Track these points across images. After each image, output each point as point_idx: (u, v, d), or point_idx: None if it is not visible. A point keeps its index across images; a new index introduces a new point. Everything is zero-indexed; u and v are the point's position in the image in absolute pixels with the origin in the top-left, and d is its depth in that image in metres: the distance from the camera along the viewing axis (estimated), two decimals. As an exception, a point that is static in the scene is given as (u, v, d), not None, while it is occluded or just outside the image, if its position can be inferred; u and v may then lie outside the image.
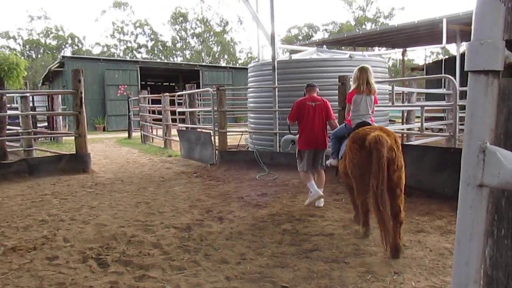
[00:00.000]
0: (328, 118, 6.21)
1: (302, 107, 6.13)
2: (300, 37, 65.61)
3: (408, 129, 12.26)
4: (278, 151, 9.45)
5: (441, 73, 15.39)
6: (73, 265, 3.90)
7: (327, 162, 5.83)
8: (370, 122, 5.08)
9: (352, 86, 5.26)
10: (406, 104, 12.98)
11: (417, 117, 12.69)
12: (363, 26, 60.17)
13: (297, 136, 6.38)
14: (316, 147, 6.11)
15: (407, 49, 22.12)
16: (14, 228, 5.07)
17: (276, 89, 9.62)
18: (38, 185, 7.82)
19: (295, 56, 11.55)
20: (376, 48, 25.72)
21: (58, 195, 6.95)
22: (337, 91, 8.46)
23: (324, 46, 19.84)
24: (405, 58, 24.61)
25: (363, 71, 5.13)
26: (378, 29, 20.76)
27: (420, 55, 74.85)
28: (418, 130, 11.39)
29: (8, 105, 12.63)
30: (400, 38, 19.80)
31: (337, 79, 8.39)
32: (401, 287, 3.29)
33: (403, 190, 4.16)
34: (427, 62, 26.06)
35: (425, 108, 9.26)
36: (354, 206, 5.06)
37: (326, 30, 67.29)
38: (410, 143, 10.44)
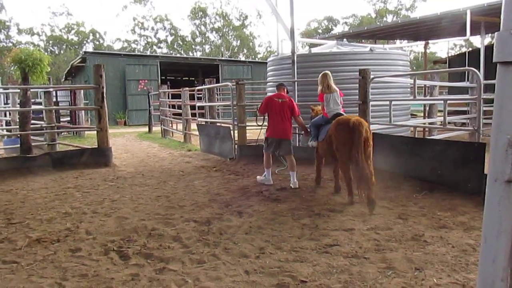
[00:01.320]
0: (293, 114, 7.25)
1: (270, 102, 7.21)
2: (319, 31, 65.04)
3: (430, 123, 12.05)
4: (297, 145, 9.41)
5: (465, 66, 15.06)
6: (95, 257, 3.96)
7: (309, 143, 7.04)
8: (342, 112, 6.52)
9: (319, 88, 6.65)
10: (428, 97, 12.75)
11: (440, 111, 12.45)
12: (384, 19, 59.28)
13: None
14: (280, 136, 7.15)
15: (430, 41, 21.70)
16: (38, 220, 5.18)
17: (296, 83, 9.56)
18: (61, 179, 7.98)
19: (314, 50, 11.46)
20: (398, 41, 25.32)
21: (80, 188, 7.07)
22: (357, 85, 8.35)
23: (344, 39, 19.63)
24: (427, 51, 24.16)
25: (324, 76, 6.63)
26: (399, 22, 20.38)
27: (443, 47, 73.27)
28: (441, 124, 11.18)
29: (32, 100, 12.90)
30: (422, 31, 19.43)
31: (358, 73, 8.27)
32: (423, 284, 3.24)
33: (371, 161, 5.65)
34: (450, 55, 25.52)
35: (448, 101, 9.08)
36: (334, 176, 6.46)
37: (346, 23, 66.53)
38: (432, 137, 10.27)
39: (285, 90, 7.53)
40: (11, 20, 65.02)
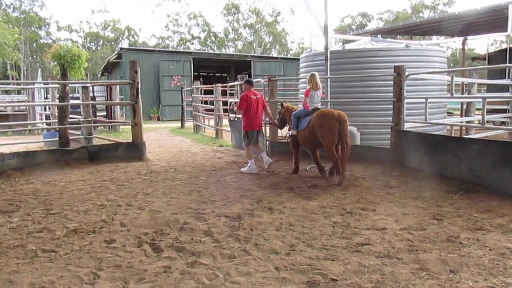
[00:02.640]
0: (264, 109, 8.50)
1: (249, 99, 8.15)
2: (353, 27, 64.13)
3: (467, 122, 11.68)
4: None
5: (505, 63, 14.50)
6: (129, 248, 4.06)
7: (289, 132, 7.98)
8: (319, 107, 7.69)
9: (308, 85, 7.66)
10: (466, 95, 12.36)
11: (478, 109, 12.05)
12: (421, 14, 57.82)
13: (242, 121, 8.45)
14: (259, 128, 8.43)
15: (468, 37, 20.98)
16: (75, 212, 5.35)
17: (329, 79, 9.46)
18: (97, 171, 8.21)
19: (348, 46, 11.32)
20: (434, 37, 24.64)
21: (115, 181, 7.25)
22: (391, 82, 8.18)
23: (379, 35, 19.26)
24: (465, 47, 23.37)
25: (313, 76, 7.68)
26: (436, 17, 19.86)
27: (482, 43, 70.84)
28: (478, 123, 10.83)
29: (70, 95, 13.32)
30: (460, 26, 18.84)
31: (392, 69, 8.11)
32: (457, 287, 3.15)
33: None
34: (489, 51, 24.63)
35: (487, 100, 8.76)
36: (315, 161, 7.67)
37: (381, 18, 65.36)
38: (470, 136, 9.96)
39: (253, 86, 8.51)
40: (51, 17, 67.37)
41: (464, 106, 12.27)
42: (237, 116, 8.95)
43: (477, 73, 12.77)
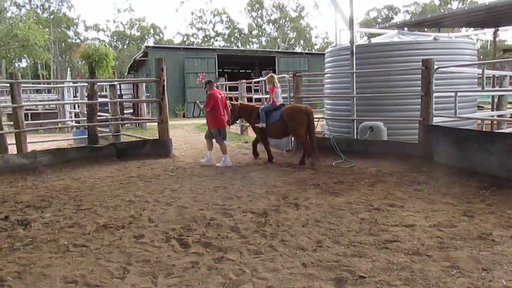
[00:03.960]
0: (226, 107, 8.84)
1: (216, 98, 8.54)
2: (379, 20, 63.11)
3: (498, 116, 11.34)
4: (355, 138, 9.23)
5: (539, 54, 13.99)
6: (158, 244, 4.12)
7: (259, 125, 8.58)
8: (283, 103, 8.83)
9: (269, 84, 8.71)
10: (497, 88, 12.00)
11: (510, 102, 11.70)
12: (449, 6, 56.38)
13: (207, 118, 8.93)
14: (225, 125, 8.78)
15: (499, 29, 20.33)
16: (105, 207, 5.47)
17: (354, 74, 9.34)
18: (125, 168, 8.35)
19: (374, 40, 11.14)
20: (463, 29, 23.99)
21: (143, 178, 7.37)
22: (419, 76, 8.01)
23: (405, 28, 18.88)
24: (497, 39, 22.67)
25: (272, 77, 8.76)
26: (466, 8, 19.25)
27: (514, 35, 68.49)
28: (511, 117, 10.50)
29: (98, 93, 13.58)
30: (491, 17, 18.21)
31: (420, 63, 7.93)
32: (490, 285, 3.07)
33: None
34: (522, 43, 23.77)
35: (520, 93, 8.50)
36: (266, 147, 8.84)
37: (407, 11, 64.07)
38: (501, 131, 9.68)
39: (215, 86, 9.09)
40: (79, 17, 68.69)
41: (496, 100, 11.92)
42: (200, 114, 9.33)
43: (509, 66, 12.35)
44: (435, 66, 7.78)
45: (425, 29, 23.58)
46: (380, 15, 65.56)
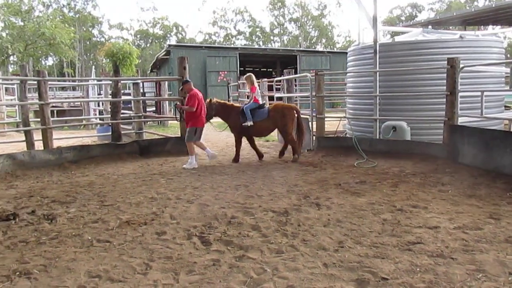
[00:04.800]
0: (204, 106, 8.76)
1: (199, 97, 8.48)
2: (402, 18, 62.21)
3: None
4: (377, 137, 9.12)
5: None
6: (179, 241, 4.16)
7: (246, 123, 8.62)
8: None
9: (250, 84, 8.97)
10: (525, 88, 11.65)
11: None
12: (475, 3, 55.10)
13: (182, 118, 8.95)
14: (203, 125, 8.69)
15: (528, 26, 19.78)
16: (128, 204, 5.55)
17: (378, 73, 9.23)
18: (147, 165, 8.46)
19: (398, 38, 10.97)
20: (490, 27, 23.44)
21: (165, 175, 7.45)
22: (445, 75, 7.86)
23: (430, 26, 18.56)
24: (525, 37, 22.02)
25: (251, 76, 9.13)
26: (493, 5, 18.80)
27: (543, 33, 66.44)
28: (540, 118, 10.18)
29: (122, 91, 13.78)
30: (520, 15, 17.78)
31: (446, 62, 7.78)
32: (518, 290, 3.00)
33: None
34: (552, 41, 23.08)
35: (550, 92, 8.26)
36: (238, 148, 8.92)
37: (431, 9, 62.99)
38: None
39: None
40: (103, 16, 69.82)
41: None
42: (180, 116, 9.01)
43: (538, 65, 12.00)
44: (461, 65, 7.63)
45: (451, 27, 23.13)
46: (403, 13, 64.63)
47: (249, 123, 8.61)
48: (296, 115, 8.54)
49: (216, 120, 9.42)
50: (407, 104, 9.55)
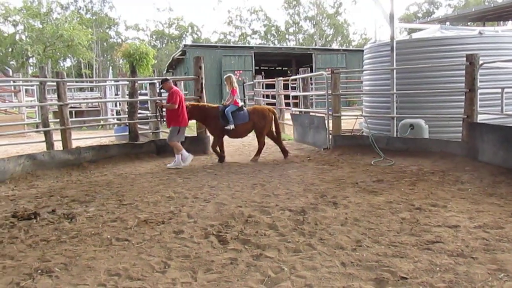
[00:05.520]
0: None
1: (180, 94, 8.32)
2: (419, 14, 61.44)
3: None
4: (395, 136, 9.03)
5: None
6: (197, 240, 4.18)
7: (228, 126, 8.52)
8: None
9: (230, 86, 8.83)
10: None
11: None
12: (495, -2, 54.06)
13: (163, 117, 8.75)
14: (187, 124, 8.57)
15: (550, 21, 19.35)
16: (145, 203, 5.60)
17: (394, 71, 9.13)
18: (164, 164, 8.53)
19: (415, 35, 10.83)
20: (510, 22, 22.97)
21: (182, 174, 7.50)
22: (463, 72, 7.74)
23: (447, 23, 18.29)
24: (547, 32, 21.54)
25: (232, 77, 8.98)
26: (513, 1, 18.43)
27: None
28: None
29: (138, 91, 13.92)
30: (541, 9, 17.40)
31: (464, 59, 7.66)
32: (541, 290, 2.93)
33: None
34: None
35: None
36: (216, 148, 8.78)
37: (449, 5, 62.06)
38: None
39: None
40: (120, 17, 70.54)
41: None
42: (163, 116, 8.78)
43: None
44: (480, 62, 7.50)
45: (469, 23, 22.76)
46: (420, 9, 63.83)
47: (231, 126, 8.56)
48: (273, 116, 8.84)
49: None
50: (425, 101, 9.43)
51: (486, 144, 7.06)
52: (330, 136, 9.69)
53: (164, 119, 8.74)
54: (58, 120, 10.18)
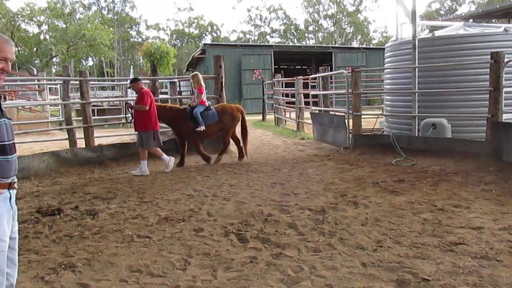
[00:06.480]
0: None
1: (151, 95, 7.73)
2: (441, 12, 60.37)
3: None
4: (416, 135, 8.89)
5: None
6: (216, 238, 4.20)
7: (199, 128, 8.14)
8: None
9: (198, 84, 8.40)
10: None
11: None
12: (520, -5, 52.68)
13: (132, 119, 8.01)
14: (159, 128, 8.02)
15: None
16: (166, 201, 5.65)
17: (417, 69, 9.00)
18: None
19: (438, 33, 10.65)
20: (537, 19, 22.36)
21: (201, 173, 7.54)
22: (488, 70, 7.57)
23: (471, 20, 17.91)
24: None
25: (199, 76, 8.61)
26: (541, -3, 17.95)
27: None
28: None
29: (159, 90, 14.06)
30: None
31: (489, 56, 7.50)
32: None
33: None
34: None
35: None
36: (201, 152, 8.44)
37: (472, 2, 60.74)
38: None
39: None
40: (141, 17, 71.33)
41: None
42: (130, 116, 8.04)
43: None
44: (506, 59, 7.32)
45: (493, 21, 22.24)
46: (443, 6, 62.72)
47: (202, 128, 8.15)
48: (241, 115, 8.60)
49: (254, 117, 9.43)
50: (447, 100, 9.27)
51: (511, 144, 6.89)
52: (350, 135, 9.60)
53: (132, 120, 8.04)
54: (80, 118, 10.37)
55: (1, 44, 2.24)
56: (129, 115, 8.02)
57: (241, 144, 8.67)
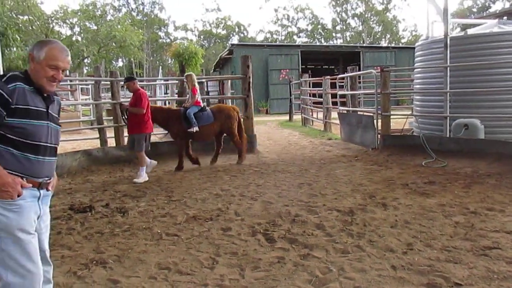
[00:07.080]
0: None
1: (147, 97, 7.40)
2: (474, 9, 58.72)
3: None
4: (448, 136, 8.69)
5: None
6: (244, 237, 4.21)
7: (192, 129, 7.91)
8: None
9: (191, 85, 8.23)
10: None
11: None
12: (558, -9, 50.73)
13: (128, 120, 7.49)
14: (152, 131, 7.62)
15: None
16: (194, 200, 5.71)
17: (448, 68, 8.79)
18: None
19: (471, 31, 10.37)
20: None
21: (228, 172, 7.58)
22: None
23: (505, 17, 17.35)
24: None
25: (193, 76, 8.53)
26: None
27: None
28: None
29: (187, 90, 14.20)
30: None
31: (526, 55, 7.25)
32: None
33: None
34: None
35: None
36: (182, 156, 8.16)
37: (508, -1, 58.76)
38: None
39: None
40: (169, 18, 72.26)
41: None
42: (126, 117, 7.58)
43: None
44: (544, 58, 7.07)
45: (530, 18, 21.51)
46: (475, 4, 60.95)
47: (195, 128, 7.93)
48: (238, 116, 8.54)
49: (281, 117, 9.39)
50: (480, 100, 9.01)
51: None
52: (379, 135, 9.46)
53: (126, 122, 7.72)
54: (111, 118, 10.59)
55: (55, 52, 2.24)
56: (125, 117, 7.60)
57: (239, 146, 8.58)
